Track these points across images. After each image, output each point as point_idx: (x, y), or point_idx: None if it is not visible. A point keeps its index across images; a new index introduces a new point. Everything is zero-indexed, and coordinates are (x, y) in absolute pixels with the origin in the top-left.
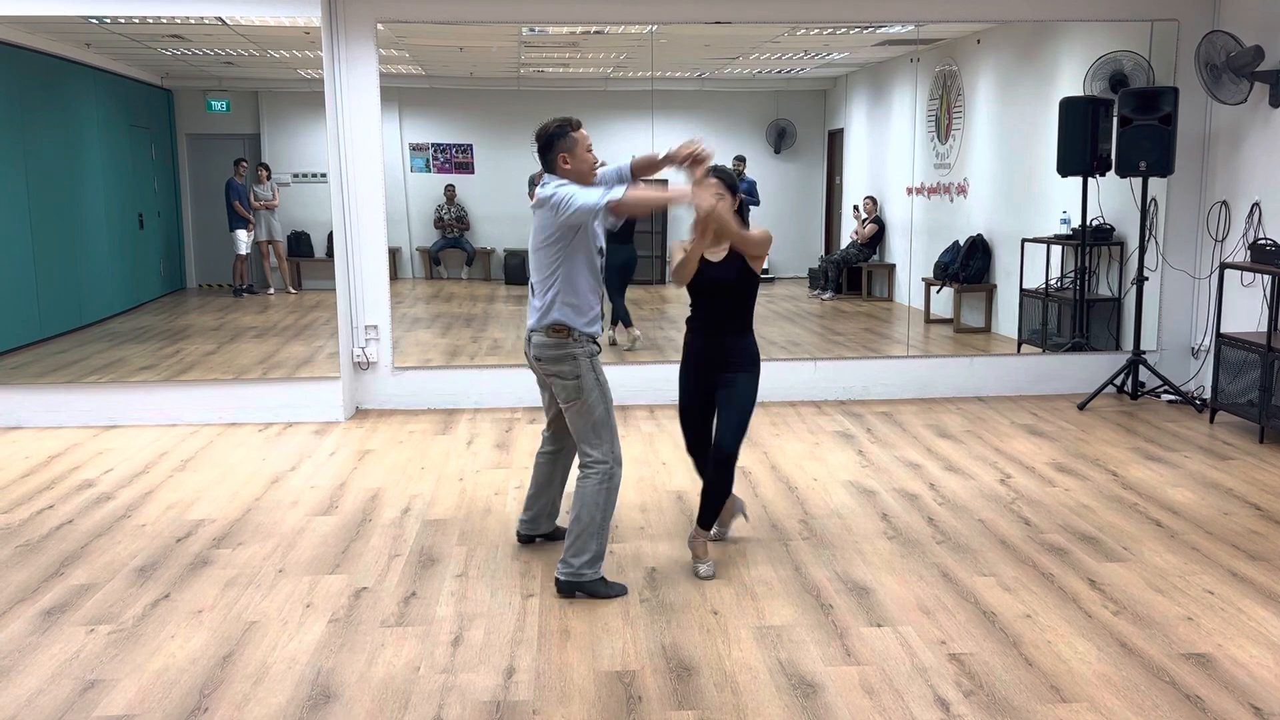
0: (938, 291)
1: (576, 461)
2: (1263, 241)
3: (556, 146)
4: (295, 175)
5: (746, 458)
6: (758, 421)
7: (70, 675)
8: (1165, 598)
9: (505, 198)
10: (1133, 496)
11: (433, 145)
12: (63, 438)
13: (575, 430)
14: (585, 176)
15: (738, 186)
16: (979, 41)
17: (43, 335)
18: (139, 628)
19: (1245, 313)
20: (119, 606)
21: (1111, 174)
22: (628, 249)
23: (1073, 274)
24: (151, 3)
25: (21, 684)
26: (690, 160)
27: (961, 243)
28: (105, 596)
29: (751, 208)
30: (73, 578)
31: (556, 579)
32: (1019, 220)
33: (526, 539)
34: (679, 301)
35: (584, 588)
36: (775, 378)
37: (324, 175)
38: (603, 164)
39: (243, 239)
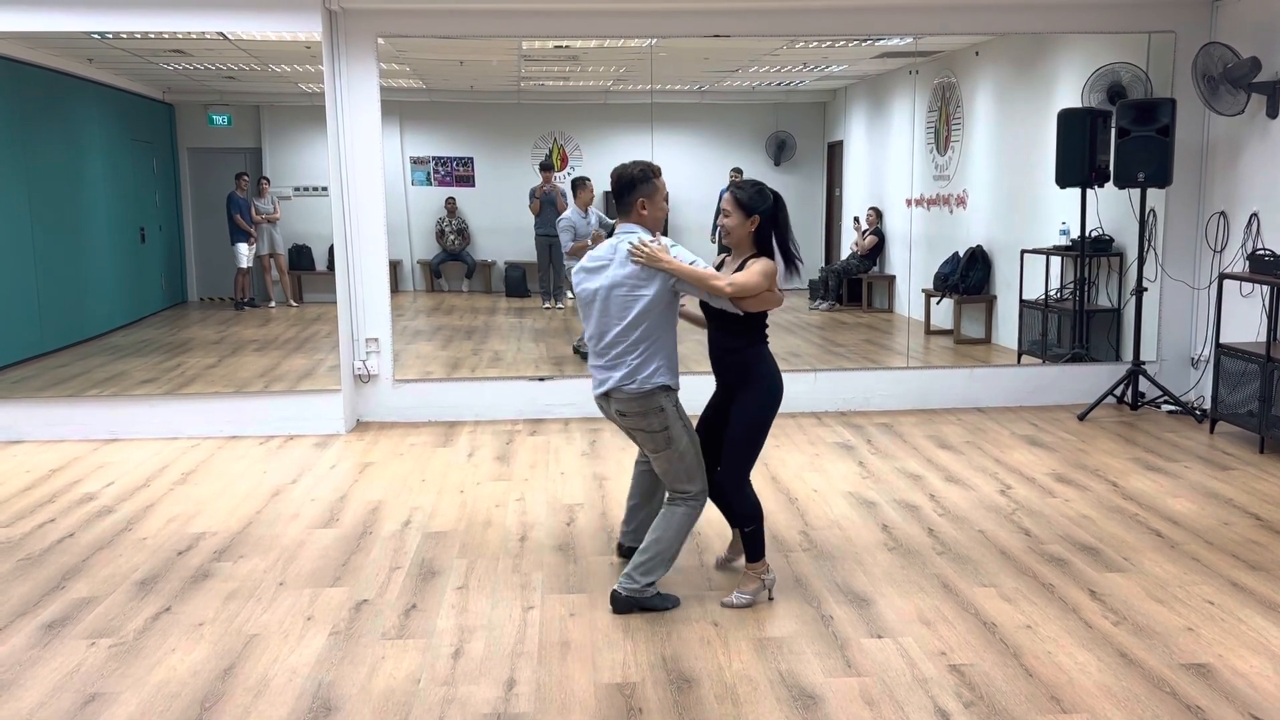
0: (937, 303)
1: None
2: (1261, 252)
3: (639, 190)
4: (296, 189)
5: None
6: None
7: (71, 688)
8: (1165, 608)
9: (506, 210)
10: (1133, 507)
11: (433, 158)
12: (64, 451)
13: (666, 475)
14: (656, 227)
15: (754, 206)
16: (977, 53)
17: (44, 349)
18: (140, 641)
19: (1244, 323)
20: (120, 620)
21: (1110, 185)
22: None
23: (1072, 285)
24: (153, 18)
25: (23, 698)
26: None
27: (961, 254)
28: (106, 610)
29: None
30: (74, 591)
31: (615, 593)
32: (1018, 231)
33: (630, 550)
34: None
35: (644, 604)
36: None
37: (325, 189)
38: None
39: (244, 252)
